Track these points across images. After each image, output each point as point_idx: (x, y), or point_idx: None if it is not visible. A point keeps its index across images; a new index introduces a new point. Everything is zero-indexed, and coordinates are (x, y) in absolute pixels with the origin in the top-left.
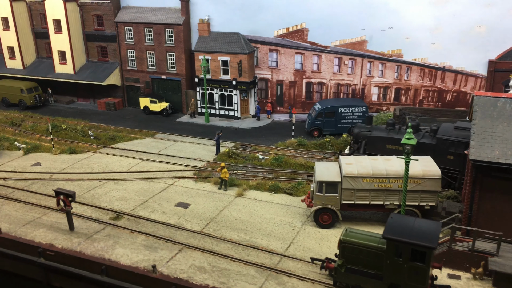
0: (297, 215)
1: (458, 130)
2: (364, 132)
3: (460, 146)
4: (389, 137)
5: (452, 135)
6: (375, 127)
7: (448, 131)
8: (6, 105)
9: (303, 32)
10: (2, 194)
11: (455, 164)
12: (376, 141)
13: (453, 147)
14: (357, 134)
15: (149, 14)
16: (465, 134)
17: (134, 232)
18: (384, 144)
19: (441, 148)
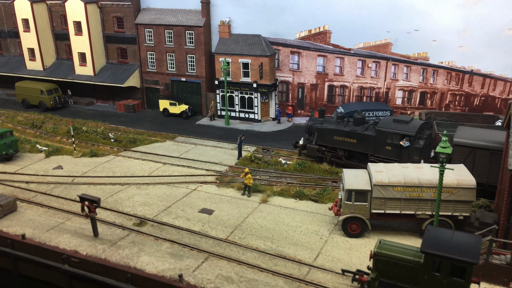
0: (324, 223)
1: (396, 123)
2: (316, 125)
3: (396, 137)
4: (337, 129)
5: (390, 127)
6: (326, 120)
7: (387, 124)
8: (26, 107)
9: (326, 35)
10: (25, 198)
11: (393, 154)
12: (326, 132)
13: (390, 138)
14: (310, 126)
15: (169, 16)
16: (402, 127)
17: (158, 239)
18: (332, 136)
19: (380, 140)
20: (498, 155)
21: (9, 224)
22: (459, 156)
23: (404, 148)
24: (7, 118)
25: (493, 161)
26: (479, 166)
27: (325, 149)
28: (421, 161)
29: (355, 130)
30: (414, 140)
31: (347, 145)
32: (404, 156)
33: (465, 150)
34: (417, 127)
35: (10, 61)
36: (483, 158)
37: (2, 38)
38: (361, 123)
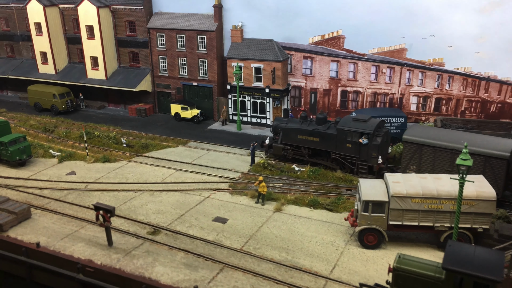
0: (340, 234)
1: (355, 121)
2: (281, 125)
3: (356, 135)
4: (301, 129)
5: (350, 126)
6: (290, 120)
7: (347, 123)
8: (38, 110)
9: (340, 40)
10: (39, 205)
11: (353, 151)
12: (290, 132)
13: (350, 136)
14: (275, 126)
15: (182, 20)
16: (361, 125)
17: (173, 248)
18: (296, 135)
19: (341, 138)
20: (442, 152)
21: (23, 231)
22: (408, 152)
23: (363, 145)
24: (19, 122)
25: (437, 158)
26: (425, 162)
27: (290, 148)
28: (378, 157)
29: (318, 129)
30: (372, 137)
31: (310, 144)
32: (363, 152)
33: (413, 146)
34: (374, 125)
35: (22, 64)
36: (428, 154)
37: (15, 42)
38: (323, 123)
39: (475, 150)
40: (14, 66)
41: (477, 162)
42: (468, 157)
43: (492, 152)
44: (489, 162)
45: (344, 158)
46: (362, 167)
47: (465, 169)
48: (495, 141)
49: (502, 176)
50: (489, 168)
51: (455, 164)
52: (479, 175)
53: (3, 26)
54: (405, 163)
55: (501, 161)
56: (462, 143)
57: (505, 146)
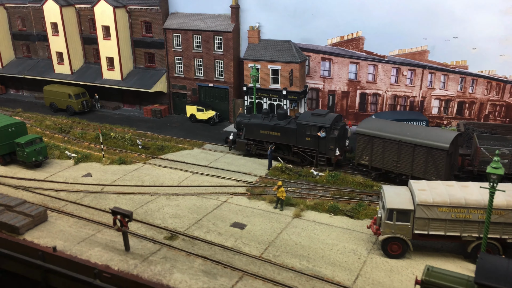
0: (361, 242)
1: (313, 116)
2: (244, 121)
3: (314, 129)
4: (263, 124)
5: (309, 120)
6: (253, 116)
7: (306, 117)
8: (54, 110)
9: (359, 41)
10: (55, 207)
11: (312, 144)
12: (253, 127)
13: (309, 130)
14: (239, 122)
15: (198, 21)
16: (319, 119)
17: (190, 255)
18: (259, 130)
19: (301, 132)
20: (390, 143)
21: (40, 235)
22: (361, 143)
23: (321, 138)
24: (35, 122)
25: (386, 149)
26: (376, 153)
27: (253, 143)
28: (336, 150)
29: (279, 124)
30: (330, 131)
31: (272, 138)
32: (321, 145)
33: (365, 138)
34: (331, 119)
35: (38, 64)
36: (379, 145)
37: (31, 41)
38: (284, 118)
39: (418, 141)
40: (30, 66)
41: (420, 153)
42: (499, 166)
43: (434, 143)
44: (432, 152)
45: (304, 151)
46: (321, 159)
47: (496, 178)
48: (438, 134)
49: (443, 166)
50: (431, 158)
51: (401, 154)
52: (509, 183)
53: (20, 26)
54: (359, 153)
55: (442, 152)
56: (408, 135)
57: (446, 138)
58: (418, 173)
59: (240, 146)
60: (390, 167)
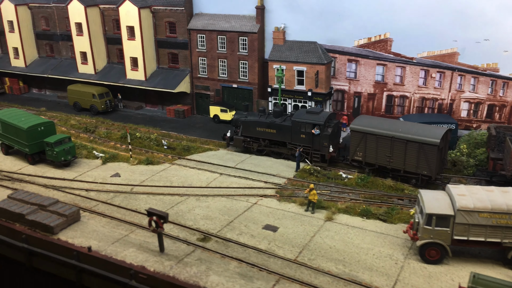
0: (397, 246)
1: (308, 114)
2: (241, 118)
3: (308, 126)
4: (259, 121)
5: (303, 118)
6: (250, 113)
7: (301, 115)
8: (77, 110)
9: (387, 43)
10: (86, 207)
11: (306, 141)
12: (250, 124)
13: (304, 127)
14: (236, 119)
15: (223, 22)
16: (313, 117)
17: (225, 257)
18: (255, 127)
19: (296, 129)
20: (383, 140)
21: (74, 235)
22: (355, 140)
23: (315, 135)
24: (60, 121)
25: (379, 145)
26: (370, 149)
27: (249, 140)
28: (329, 146)
29: (275, 122)
30: (323, 128)
31: (268, 135)
32: (316, 142)
33: (359, 135)
34: (325, 117)
35: (61, 63)
36: (372, 142)
37: (54, 41)
38: (279, 115)
39: (410, 137)
40: (53, 65)
41: (413, 148)
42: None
43: (425, 139)
44: (423, 148)
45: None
46: (315, 155)
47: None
48: (429, 130)
49: (434, 160)
50: (422, 153)
51: (394, 149)
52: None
53: (43, 25)
54: (352, 150)
55: (433, 147)
56: (400, 131)
57: (436, 134)
58: (410, 167)
59: (237, 142)
60: (383, 163)
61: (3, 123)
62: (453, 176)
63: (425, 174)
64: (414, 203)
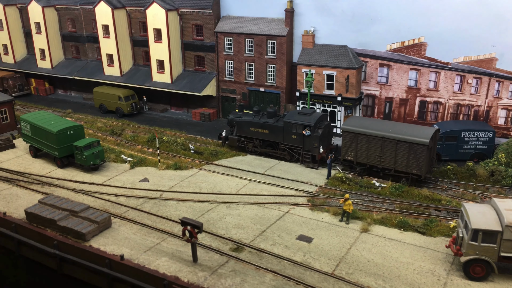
0: (438, 261)
1: (299, 115)
2: (236, 118)
3: (299, 127)
4: (253, 121)
5: (294, 119)
6: (245, 114)
7: (293, 116)
8: (103, 112)
9: (421, 47)
10: (117, 213)
11: (298, 142)
12: (244, 125)
13: (295, 128)
14: (231, 119)
15: (251, 25)
16: (304, 118)
17: (260, 269)
18: (249, 127)
19: (287, 130)
20: (374, 140)
21: (105, 242)
22: (346, 140)
23: (306, 136)
24: (86, 124)
25: (370, 145)
26: (361, 149)
27: (244, 139)
28: (320, 147)
29: (268, 122)
30: (314, 129)
31: (261, 135)
32: (306, 143)
33: (350, 135)
34: (316, 118)
35: (87, 65)
36: (363, 142)
37: (80, 43)
38: (273, 116)
39: (401, 137)
40: (79, 67)
41: (403, 148)
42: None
43: (415, 139)
44: (413, 147)
45: (290, 148)
46: (306, 156)
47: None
48: (418, 130)
49: (424, 159)
50: (412, 152)
51: (385, 149)
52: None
53: (70, 27)
54: (344, 150)
55: (422, 147)
56: (390, 132)
57: (426, 134)
58: (400, 167)
59: (232, 142)
60: (374, 162)
61: (32, 126)
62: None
63: (415, 173)
64: (452, 215)
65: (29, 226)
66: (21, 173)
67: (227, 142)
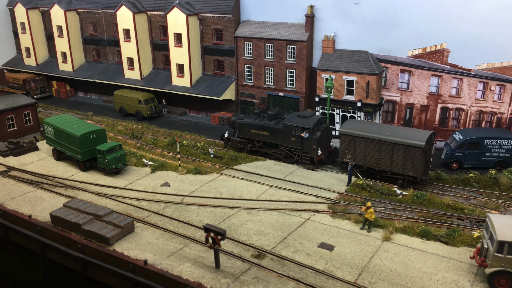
0: (462, 272)
1: (298, 117)
2: (238, 120)
3: (298, 130)
4: (254, 124)
5: (294, 122)
6: (247, 116)
7: (292, 119)
8: (123, 115)
9: (443, 53)
10: (139, 217)
11: (297, 144)
12: (245, 126)
13: (294, 130)
14: (233, 121)
15: (271, 30)
16: (303, 121)
17: (282, 276)
18: (250, 129)
19: (286, 132)
20: (371, 143)
21: (129, 246)
22: (344, 143)
23: (305, 138)
24: (107, 127)
25: (367, 147)
26: (358, 152)
27: (245, 141)
28: (318, 149)
29: (268, 124)
30: (312, 132)
31: (261, 137)
32: (305, 145)
33: (348, 138)
34: (314, 121)
35: (108, 68)
36: (361, 144)
37: (101, 46)
38: (273, 119)
39: (397, 140)
40: (99, 70)
41: (399, 150)
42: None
43: (411, 142)
44: (409, 150)
45: (290, 150)
46: (305, 158)
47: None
48: (414, 133)
49: (419, 161)
50: (408, 155)
51: (382, 152)
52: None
53: (91, 30)
54: (342, 152)
55: (418, 149)
56: (387, 134)
57: (421, 137)
58: (397, 169)
59: (234, 143)
60: (372, 164)
61: (56, 130)
62: None
63: (411, 175)
64: (475, 224)
65: (54, 229)
66: (45, 175)
67: (229, 143)
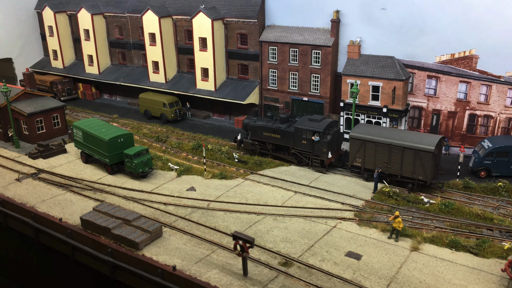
0: (493, 285)
1: (310, 121)
2: (250, 123)
3: (309, 133)
4: (266, 126)
5: (305, 125)
6: (259, 119)
7: (303, 122)
8: (148, 118)
9: (472, 59)
10: (167, 222)
11: (307, 147)
12: (258, 129)
13: (305, 134)
14: (246, 124)
15: (296, 34)
16: (314, 124)
17: (310, 285)
18: (262, 132)
19: (298, 135)
20: (381, 147)
21: (157, 251)
22: (354, 147)
23: (315, 142)
24: (132, 130)
25: (377, 151)
26: (368, 156)
27: (257, 143)
28: (328, 153)
29: (280, 127)
30: (323, 135)
31: (273, 140)
32: (316, 148)
33: (358, 142)
34: (325, 124)
35: (133, 72)
36: (371, 149)
37: (127, 50)
38: (285, 122)
39: (407, 145)
40: (125, 73)
41: (409, 155)
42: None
43: (421, 146)
44: (419, 154)
45: (301, 153)
46: (315, 161)
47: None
48: (424, 138)
49: (429, 166)
50: (418, 159)
51: (392, 156)
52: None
53: (117, 34)
54: (352, 156)
55: (428, 154)
56: (397, 139)
57: (431, 141)
58: (407, 173)
59: (246, 145)
60: (381, 168)
61: (84, 133)
62: None
63: (421, 179)
64: (505, 235)
65: (84, 233)
66: (74, 178)
67: (242, 145)
